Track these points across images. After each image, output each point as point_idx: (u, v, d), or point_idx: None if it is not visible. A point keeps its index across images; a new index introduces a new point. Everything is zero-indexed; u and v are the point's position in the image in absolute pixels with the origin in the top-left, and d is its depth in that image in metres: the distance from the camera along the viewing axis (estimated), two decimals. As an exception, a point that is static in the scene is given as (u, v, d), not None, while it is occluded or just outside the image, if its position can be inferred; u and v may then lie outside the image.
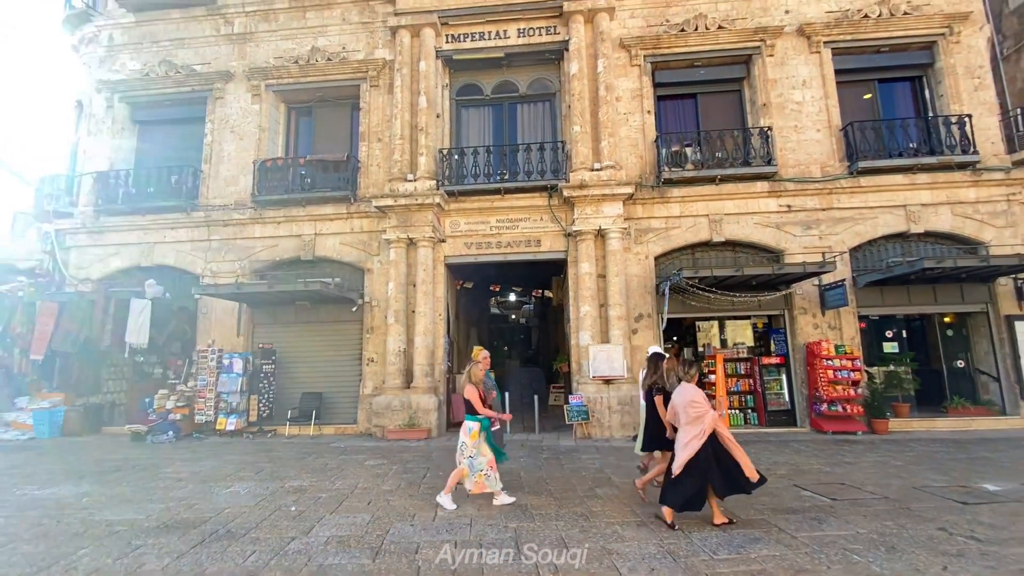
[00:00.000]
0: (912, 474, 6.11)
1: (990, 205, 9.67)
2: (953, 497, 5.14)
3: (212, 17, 11.92)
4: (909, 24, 10.31)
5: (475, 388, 5.23)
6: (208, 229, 10.99)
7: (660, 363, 5.55)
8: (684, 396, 4.54)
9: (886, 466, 6.58)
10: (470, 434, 5.11)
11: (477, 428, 5.11)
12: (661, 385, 5.29)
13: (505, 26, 11.04)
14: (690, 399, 4.48)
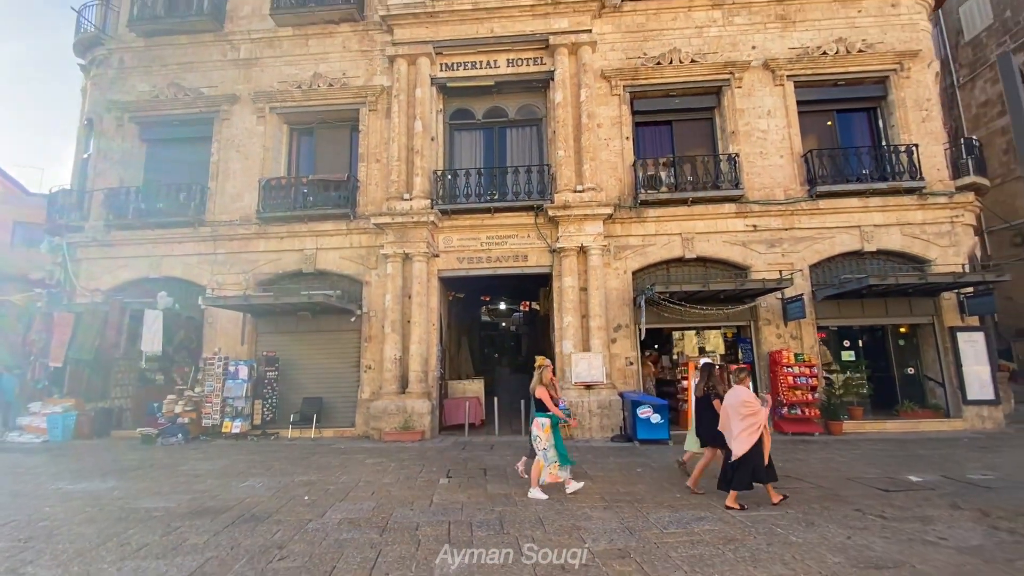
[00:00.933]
0: (851, 468, 6.96)
1: (936, 226, 10.64)
2: (878, 486, 5.97)
3: (219, 42, 12.64)
4: (863, 60, 11.31)
5: (546, 389, 6.00)
6: (214, 243, 11.64)
7: (714, 372, 6.44)
8: (738, 397, 5.41)
9: (831, 462, 7.42)
10: (543, 429, 5.84)
11: (548, 424, 5.85)
12: (717, 391, 6.12)
13: (495, 56, 11.89)
14: (743, 399, 5.34)
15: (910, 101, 11.18)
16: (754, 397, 5.42)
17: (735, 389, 5.54)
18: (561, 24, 11.56)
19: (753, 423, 5.23)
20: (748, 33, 11.59)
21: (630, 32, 11.77)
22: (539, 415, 5.96)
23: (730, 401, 5.46)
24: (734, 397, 5.45)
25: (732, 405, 5.41)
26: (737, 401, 5.36)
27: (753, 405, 5.31)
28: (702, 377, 6.43)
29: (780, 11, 11.61)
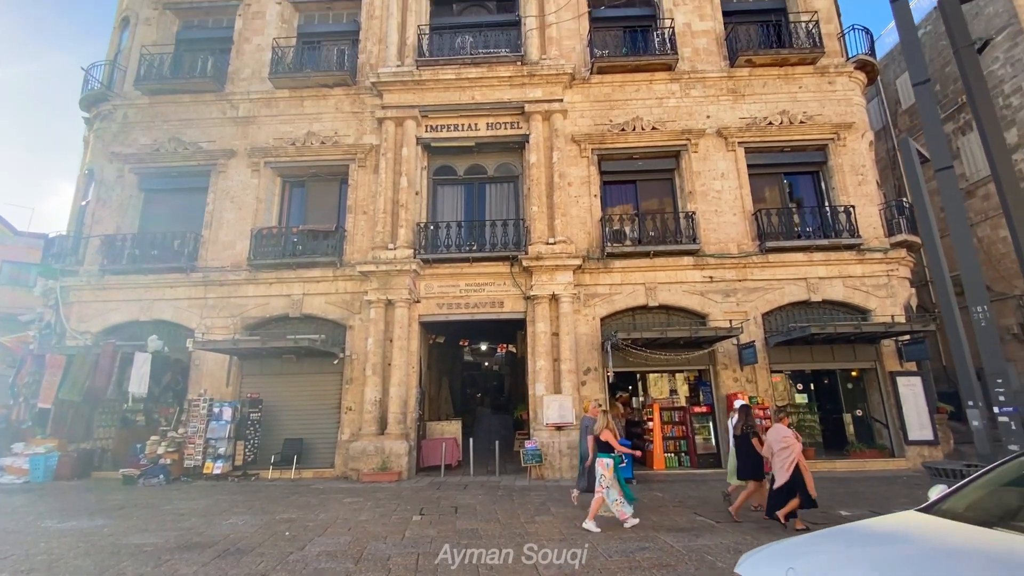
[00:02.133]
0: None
1: (874, 279, 11.72)
2: (811, 520, 6.60)
3: (219, 101, 13.60)
4: (805, 130, 12.66)
5: (611, 432, 6.65)
6: (205, 288, 12.20)
7: (751, 412, 7.31)
8: (777, 433, 6.37)
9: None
10: (608, 468, 6.44)
11: (612, 464, 6.46)
12: (754, 429, 6.95)
13: (476, 120, 13.02)
14: (782, 435, 6.29)
15: (847, 167, 12.47)
16: (790, 432, 6.38)
17: (775, 427, 6.55)
18: (536, 93, 12.78)
19: (789, 455, 6.12)
20: (703, 104, 12.93)
21: (598, 101, 13.03)
22: (603, 455, 6.57)
23: (771, 437, 6.45)
24: (774, 433, 6.44)
25: (772, 440, 6.39)
26: (777, 437, 6.34)
27: (789, 439, 6.26)
28: (740, 417, 7.29)
29: (731, 85, 13.01)
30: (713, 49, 13.32)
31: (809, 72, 13.00)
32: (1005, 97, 14.57)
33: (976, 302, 5.81)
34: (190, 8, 14.77)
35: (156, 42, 14.20)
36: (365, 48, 13.83)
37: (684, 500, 8.00)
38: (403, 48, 13.39)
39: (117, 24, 15.30)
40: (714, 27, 13.53)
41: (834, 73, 12.99)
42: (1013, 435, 5.48)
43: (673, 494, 8.57)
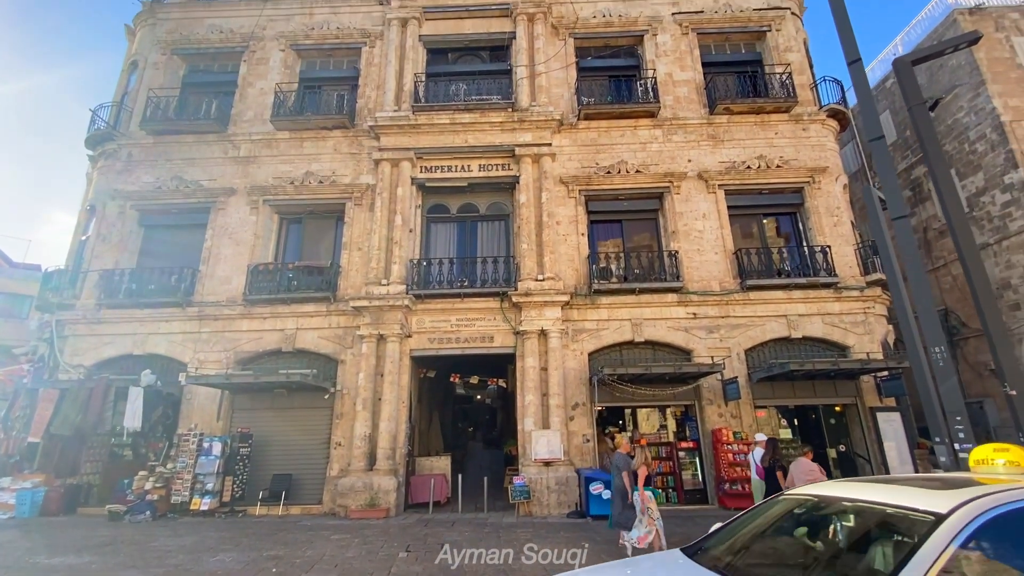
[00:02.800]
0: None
1: (851, 316, 12.12)
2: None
3: (222, 142, 14.14)
4: (781, 174, 13.30)
5: (646, 468, 7.33)
6: (200, 322, 12.41)
7: (777, 446, 7.71)
8: (802, 467, 6.78)
9: (759, 535, 8.15)
10: (652, 500, 6.90)
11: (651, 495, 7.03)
12: (781, 463, 7.38)
13: (469, 162, 13.60)
14: (807, 468, 6.70)
15: (822, 208, 13.06)
16: (815, 466, 6.79)
17: (799, 460, 6.96)
18: (526, 138, 13.42)
19: None
20: (684, 149, 13.60)
21: (584, 145, 13.68)
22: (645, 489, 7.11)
23: (795, 471, 6.85)
24: (798, 466, 6.86)
25: (797, 473, 6.77)
26: (802, 470, 6.73)
27: (815, 472, 6.66)
28: (767, 450, 7.77)
29: (711, 131, 13.72)
30: (693, 97, 14.10)
31: (784, 119, 13.75)
32: (971, 143, 15.38)
33: (934, 343, 6.17)
34: (197, 54, 15.49)
35: (163, 85, 14.85)
36: (364, 93, 14.51)
37: (670, 537, 8.09)
38: (400, 94, 14.07)
39: (126, 67, 15.99)
40: (694, 77, 14.35)
41: (807, 120, 13.76)
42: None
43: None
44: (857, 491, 3.13)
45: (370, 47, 15.01)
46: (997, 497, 2.44)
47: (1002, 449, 3.28)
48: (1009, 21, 15.74)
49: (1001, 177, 14.41)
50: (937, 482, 3.05)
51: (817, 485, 3.53)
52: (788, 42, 14.72)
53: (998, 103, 14.55)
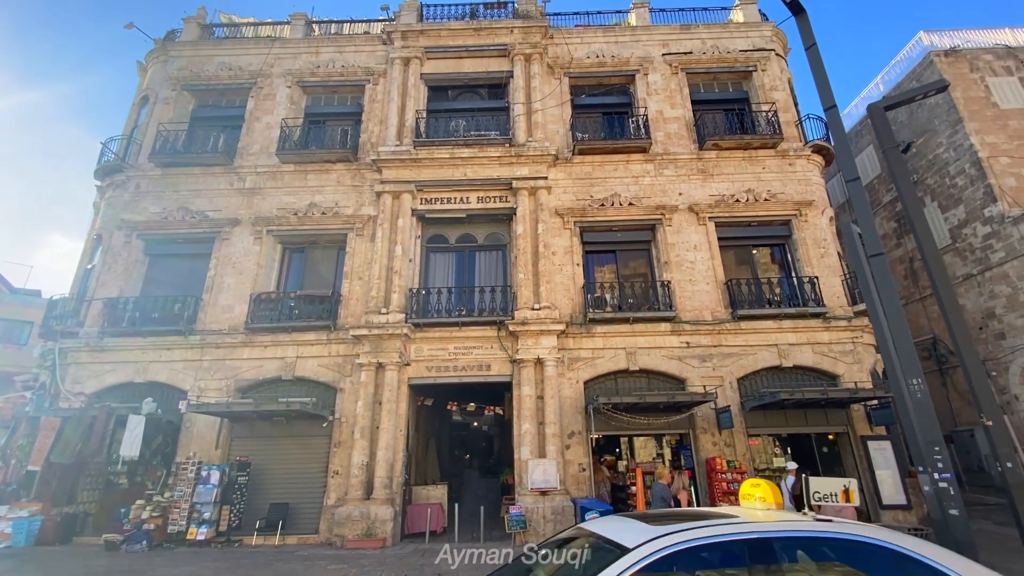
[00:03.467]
0: (766, 570, 7.81)
1: (840, 345, 12.40)
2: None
3: (228, 174, 14.58)
4: (769, 207, 13.77)
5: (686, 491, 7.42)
6: (201, 350, 12.59)
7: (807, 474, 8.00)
8: None
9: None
10: None
11: None
12: None
13: (468, 194, 14.05)
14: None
15: (810, 240, 13.48)
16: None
17: None
18: (522, 171, 13.91)
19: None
20: (675, 182, 14.10)
21: (579, 179, 14.17)
22: None
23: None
24: None
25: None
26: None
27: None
28: (797, 479, 8.24)
29: (700, 166, 14.25)
30: (684, 134, 14.69)
31: (771, 155, 14.31)
32: (951, 178, 15.98)
33: (911, 375, 6.44)
34: (206, 89, 16.09)
35: (173, 119, 15.38)
36: (367, 128, 15.06)
37: (663, 566, 8.19)
38: (402, 129, 14.62)
39: (136, 101, 16.55)
40: (684, 114, 14.98)
41: (793, 156, 14.31)
42: (952, 499, 5.94)
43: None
44: (607, 525, 3.41)
45: (373, 84, 15.64)
46: (679, 536, 2.80)
47: (755, 485, 3.69)
48: (983, 62, 16.54)
49: (981, 210, 14.93)
50: (670, 517, 3.39)
51: (593, 522, 3.63)
52: (773, 81, 15.41)
53: (975, 140, 15.19)
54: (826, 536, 3.08)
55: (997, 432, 6.50)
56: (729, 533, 2.93)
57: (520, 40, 15.65)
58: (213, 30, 17.64)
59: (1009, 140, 15.25)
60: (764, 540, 2.95)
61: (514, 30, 15.73)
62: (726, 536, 2.92)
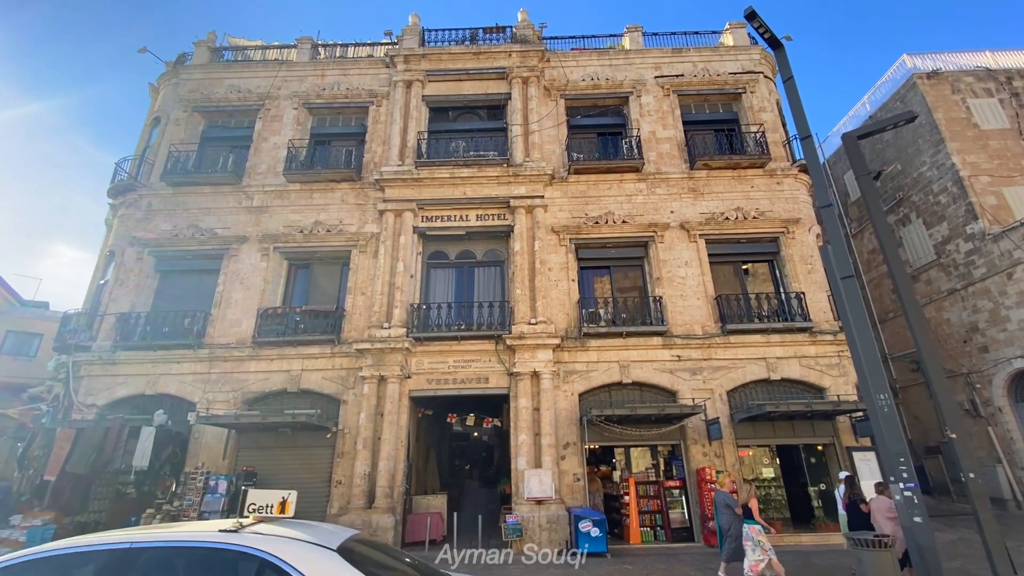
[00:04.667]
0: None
1: (826, 359, 12.84)
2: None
3: (236, 192, 15.14)
4: (758, 225, 14.29)
5: (755, 499, 8.08)
6: (210, 363, 13.06)
7: (855, 482, 9.03)
8: (882, 504, 7.64)
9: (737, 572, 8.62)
10: (762, 533, 7.74)
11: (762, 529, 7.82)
12: (861, 496, 8.43)
13: (467, 212, 14.59)
14: (887, 506, 7.45)
15: (797, 257, 13.98)
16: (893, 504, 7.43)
17: (879, 499, 7.81)
18: (520, 190, 14.46)
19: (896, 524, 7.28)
20: (667, 201, 14.64)
21: (575, 197, 14.71)
22: (749, 522, 7.91)
23: (877, 507, 7.68)
24: (879, 503, 7.73)
25: (879, 511, 7.61)
26: (883, 507, 7.56)
27: (894, 511, 7.30)
28: (847, 488, 8.78)
29: (691, 185, 14.80)
30: (675, 154, 15.26)
31: (759, 174, 14.86)
32: (934, 195, 16.51)
33: (878, 391, 6.88)
34: (216, 111, 16.71)
35: (184, 140, 15.98)
36: (370, 148, 15.65)
37: (651, 574, 8.58)
38: (404, 149, 15.20)
39: (148, 122, 17.20)
40: (675, 135, 15.56)
41: (781, 175, 14.86)
42: (915, 507, 6.35)
43: (643, 567, 9.12)
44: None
45: (377, 106, 16.26)
46: None
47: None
48: (964, 84, 17.16)
49: (963, 227, 15.45)
50: None
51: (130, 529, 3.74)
52: (762, 103, 16.01)
53: (957, 159, 15.75)
54: (175, 545, 3.25)
55: (960, 445, 6.91)
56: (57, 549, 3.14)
57: (518, 64, 16.29)
58: (222, 53, 18.32)
59: (989, 160, 15.81)
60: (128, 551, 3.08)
61: (512, 54, 16.37)
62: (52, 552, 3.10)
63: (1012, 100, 16.85)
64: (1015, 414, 14.14)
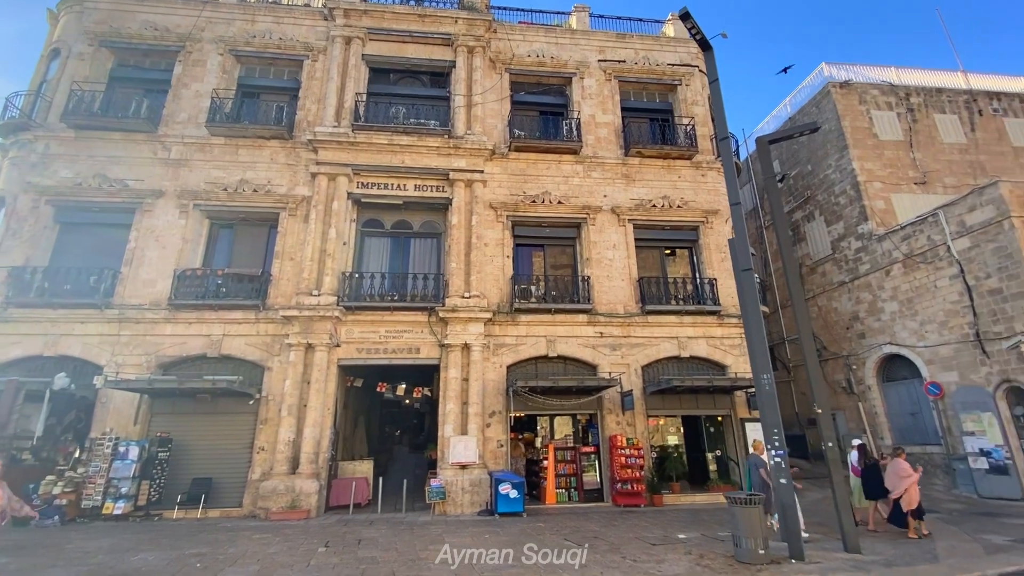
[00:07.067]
0: (646, 531, 9.22)
1: (731, 340, 14.18)
2: (651, 541, 8.23)
3: (151, 142, 13.98)
4: (682, 214, 15.26)
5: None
6: (119, 325, 12.28)
7: (866, 448, 10.07)
8: (898, 466, 8.70)
9: (636, 527, 9.64)
10: None
11: None
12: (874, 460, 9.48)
13: (405, 181, 14.42)
14: (901, 467, 8.62)
15: (713, 245, 15.13)
16: (908, 466, 8.67)
17: (896, 460, 8.90)
18: (460, 164, 14.46)
19: (910, 481, 8.47)
20: (601, 185, 15.23)
21: (514, 174, 14.94)
22: None
23: (892, 469, 8.70)
24: (894, 466, 8.76)
25: (894, 472, 8.64)
26: (898, 469, 8.61)
27: (908, 470, 8.53)
28: (860, 454, 9.85)
29: (624, 171, 15.46)
30: (612, 139, 15.81)
31: (687, 165, 15.77)
32: (836, 196, 18.30)
33: (762, 371, 7.87)
34: (128, 48, 15.16)
35: (88, 78, 14.43)
36: (304, 106, 14.91)
37: (578, 529, 9.38)
38: (340, 110, 14.64)
39: (46, 53, 15.28)
40: (614, 120, 16.09)
41: (706, 167, 15.86)
42: (782, 472, 7.46)
43: (554, 524, 9.93)
44: None
45: (312, 61, 15.43)
46: None
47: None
48: (870, 96, 18.89)
49: (856, 227, 17.31)
50: None
51: None
52: (695, 96, 16.84)
53: (856, 165, 17.49)
54: None
55: (824, 419, 8.10)
56: None
57: (464, 31, 15.99)
58: (136, -18, 16.44)
59: (883, 168, 17.69)
60: None
61: (458, 20, 16.02)
62: None
63: (908, 115, 18.79)
64: (881, 392, 16.39)
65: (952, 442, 13.43)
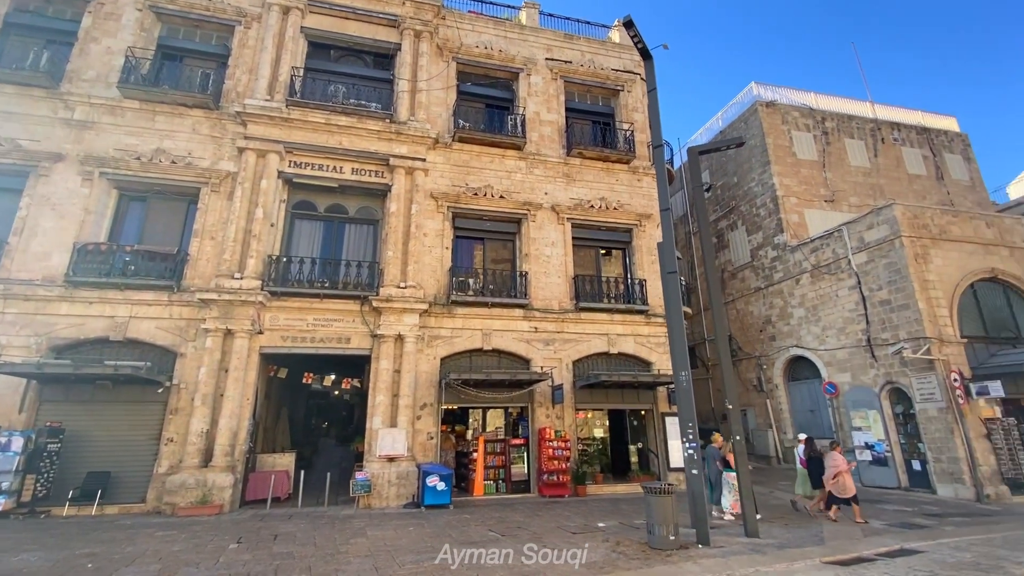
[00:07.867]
0: (568, 520, 9.53)
1: (656, 338, 14.89)
2: (571, 530, 8.53)
3: (51, 99, 12.50)
4: (618, 216, 15.80)
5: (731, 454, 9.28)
6: (4, 302, 10.95)
7: (812, 442, 11.11)
8: (832, 459, 9.70)
9: (560, 516, 9.95)
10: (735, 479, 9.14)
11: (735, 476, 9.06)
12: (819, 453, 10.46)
13: (342, 164, 13.85)
14: (835, 459, 9.64)
15: (644, 248, 15.79)
16: (843, 459, 9.73)
17: (831, 454, 9.83)
18: (401, 150, 14.11)
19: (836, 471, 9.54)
20: (543, 182, 15.44)
21: (457, 166, 14.80)
22: (728, 471, 10.00)
23: (827, 462, 9.78)
24: (829, 459, 9.76)
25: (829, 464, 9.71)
26: (831, 461, 9.69)
27: (838, 462, 9.58)
28: (807, 446, 10.90)
29: (566, 171, 15.76)
30: (555, 138, 16.04)
31: (624, 169, 16.32)
32: (757, 208, 19.66)
33: (680, 368, 8.36)
34: (25, -10, 13.44)
35: (-27, 19, 12.65)
36: (234, 75, 13.91)
37: (496, 522, 9.49)
38: (274, 83, 13.79)
39: (-83, -15, 13.22)
40: (558, 119, 16.32)
41: (642, 173, 16.49)
42: (694, 463, 7.98)
43: (480, 515, 10.03)
44: None
45: (245, 28, 14.42)
46: None
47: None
48: (792, 117, 20.41)
49: (773, 238, 18.70)
50: None
51: None
52: (636, 103, 17.42)
53: (776, 181, 18.86)
54: None
55: (733, 414, 8.74)
56: None
57: (411, 14, 15.55)
58: (37, -84, 14.59)
59: (799, 184, 19.22)
60: None
61: (406, 2, 15.55)
62: None
63: (823, 137, 20.51)
64: (787, 390, 17.88)
65: (843, 436, 14.91)
